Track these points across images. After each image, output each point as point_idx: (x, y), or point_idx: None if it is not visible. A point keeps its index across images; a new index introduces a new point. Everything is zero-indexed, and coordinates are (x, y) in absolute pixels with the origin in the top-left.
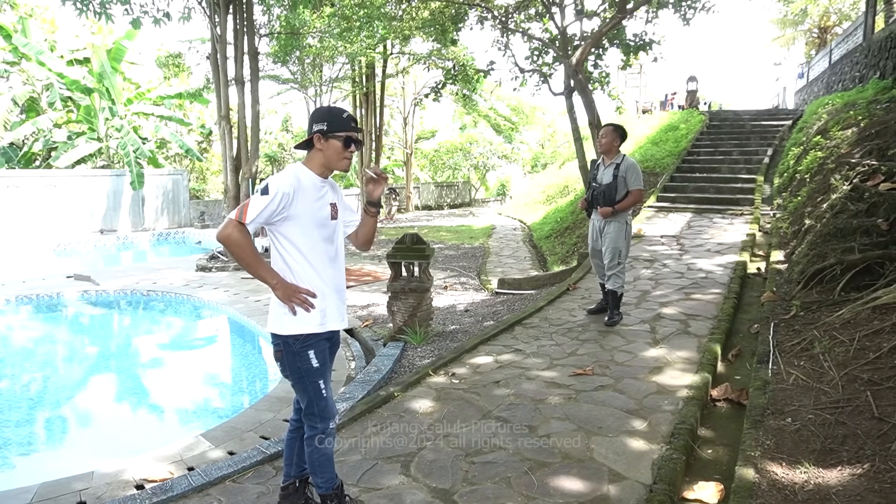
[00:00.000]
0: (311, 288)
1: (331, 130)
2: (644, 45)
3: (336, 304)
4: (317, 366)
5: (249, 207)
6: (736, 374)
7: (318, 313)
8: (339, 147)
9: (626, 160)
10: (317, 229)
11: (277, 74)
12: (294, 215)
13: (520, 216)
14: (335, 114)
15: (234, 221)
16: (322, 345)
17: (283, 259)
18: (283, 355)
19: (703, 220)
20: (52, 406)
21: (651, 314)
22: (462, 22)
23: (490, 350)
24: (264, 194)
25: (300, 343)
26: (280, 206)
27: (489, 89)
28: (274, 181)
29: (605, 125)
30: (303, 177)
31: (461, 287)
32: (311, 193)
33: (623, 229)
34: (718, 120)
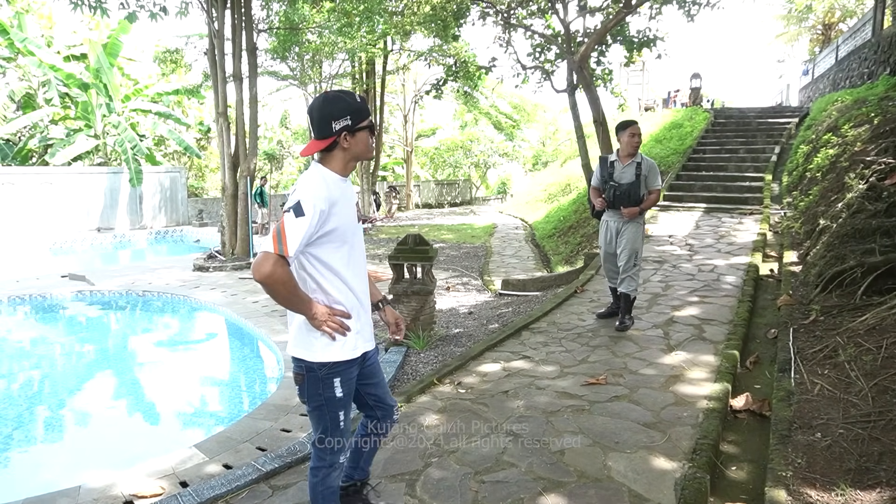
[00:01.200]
0: (346, 308)
1: (356, 124)
2: (648, 41)
3: (368, 322)
4: (341, 395)
5: (288, 235)
6: (755, 383)
7: (353, 336)
8: (366, 138)
9: (647, 159)
10: (350, 239)
11: (276, 71)
12: (332, 230)
13: (521, 215)
14: (354, 103)
15: (275, 256)
16: (351, 372)
17: (314, 281)
18: (304, 380)
19: (712, 219)
20: (40, 414)
21: (663, 318)
22: (464, 17)
23: (497, 357)
24: (299, 215)
25: (327, 369)
26: (318, 225)
27: (490, 86)
28: (307, 196)
29: (631, 123)
30: (331, 182)
31: (464, 288)
32: (341, 199)
33: (641, 230)
34: (724, 117)
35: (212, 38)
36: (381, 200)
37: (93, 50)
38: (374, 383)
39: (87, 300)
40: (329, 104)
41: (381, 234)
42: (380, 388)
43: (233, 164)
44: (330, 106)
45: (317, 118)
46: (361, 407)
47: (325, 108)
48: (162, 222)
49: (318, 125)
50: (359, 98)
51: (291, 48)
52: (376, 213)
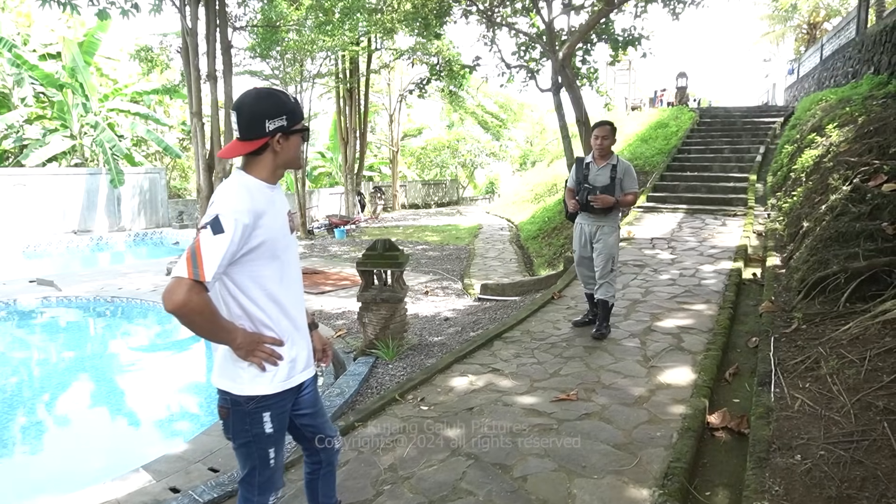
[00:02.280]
0: (277, 334)
1: (291, 126)
2: (633, 40)
3: (306, 348)
4: (271, 431)
5: (205, 257)
6: (735, 397)
7: (286, 365)
8: (299, 144)
9: (622, 161)
10: (281, 255)
11: (257, 70)
12: (258, 245)
13: (508, 215)
14: (290, 103)
15: (189, 282)
16: (283, 405)
17: (238, 305)
18: (229, 415)
19: (695, 220)
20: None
21: (641, 327)
22: (446, 16)
23: (465, 370)
24: (218, 232)
25: (255, 403)
26: (240, 244)
27: (476, 85)
28: (227, 209)
29: (600, 124)
30: (255, 191)
31: (443, 292)
32: (269, 209)
33: (616, 234)
34: (709, 117)
35: (185, 36)
36: (366, 201)
37: (68, 48)
38: (311, 413)
39: (51, 306)
40: (263, 101)
41: (365, 236)
42: (317, 418)
43: (208, 166)
44: (264, 103)
45: (247, 116)
46: (298, 439)
47: (258, 105)
48: (141, 224)
49: (247, 124)
50: (294, 99)
51: (273, 47)
52: (360, 214)
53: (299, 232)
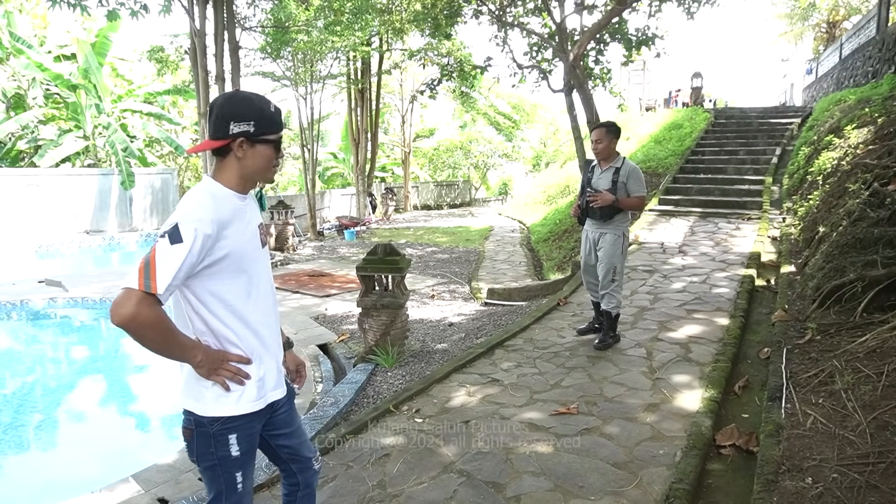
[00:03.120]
0: (244, 352)
1: (259, 132)
2: (646, 39)
3: (276, 367)
4: (237, 455)
5: (159, 268)
6: (744, 412)
7: (254, 385)
8: (269, 155)
9: (627, 164)
10: (249, 268)
11: (269, 71)
12: (221, 258)
13: (520, 217)
14: (265, 109)
15: (139, 294)
16: (251, 427)
17: (202, 320)
18: (192, 436)
19: (708, 224)
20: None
21: (648, 336)
22: (457, 16)
23: (464, 380)
24: (175, 241)
25: (220, 425)
26: (200, 255)
27: (487, 86)
28: (186, 217)
29: (596, 126)
30: (221, 199)
31: (449, 296)
32: (235, 220)
33: (619, 242)
34: (724, 118)
35: (193, 37)
36: (378, 202)
37: (81, 49)
38: (288, 433)
39: (57, 307)
40: (234, 102)
41: (375, 238)
42: (294, 437)
43: None
44: (234, 104)
45: (215, 114)
46: (273, 460)
47: (227, 105)
48: (153, 224)
49: (214, 122)
50: (273, 108)
51: (284, 47)
52: (371, 216)
53: (306, 236)
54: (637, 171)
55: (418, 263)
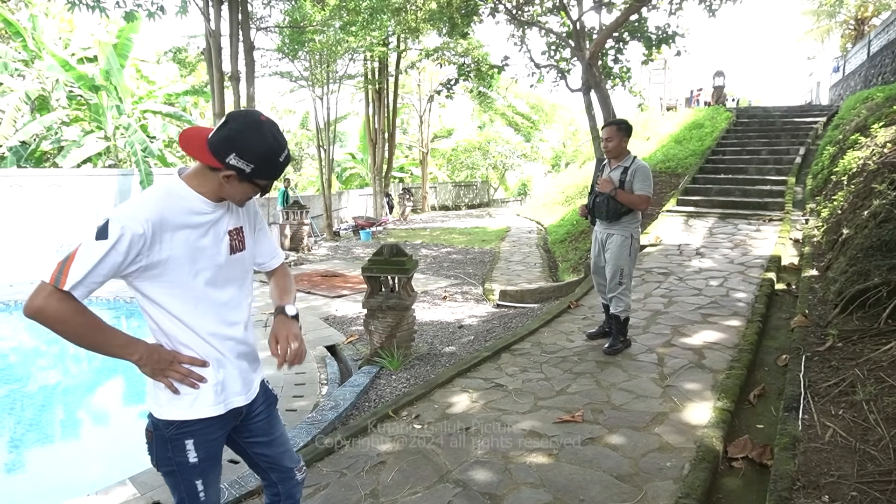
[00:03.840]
0: (199, 356)
1: (254, 176)
2: (667, 38)
3: (239, 373)
4: (194, 461)
5: (74, 263)
6: (758, 422)
7: (210, 389)
8: (251, 193)
9: (636, 162)
10: (204, 273)
11: (288, 71)
12: (161, 262)
13: (537, 217)
14: (271, 156)
15: (49, 288)
16: (210, 432)
17: (153, 320)
18: (152, 438)
19: (727, 226)
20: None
21: (660, 340)
22: (473, 15)
23: (467, 384)
24: (101, 237)
25: (175, 429)
26: (129, 255)
27: (505, 86)
28: (119, 215)
29: (606, 124)
30: (175, 203)
31: (462, 297)
32: (190, 225)
33: (627, 244)
34: (746, 117)
35: (208, 38)
36: (395, 203)
37: (102, 51)
38: (266, 441)
39: None
40: (251, 131)
41: (390, 238)
42: (274, 446)
43: None
44: (250, 134)
45: (226, 133)
46: (253, 468)
47: (241, 133)
48: None
49: (221, 140)
50: (284, 157)
51: (300, 48)
52: (388, 216)
53: (321, 236)
54: (644, 170)
55: (432, 264)
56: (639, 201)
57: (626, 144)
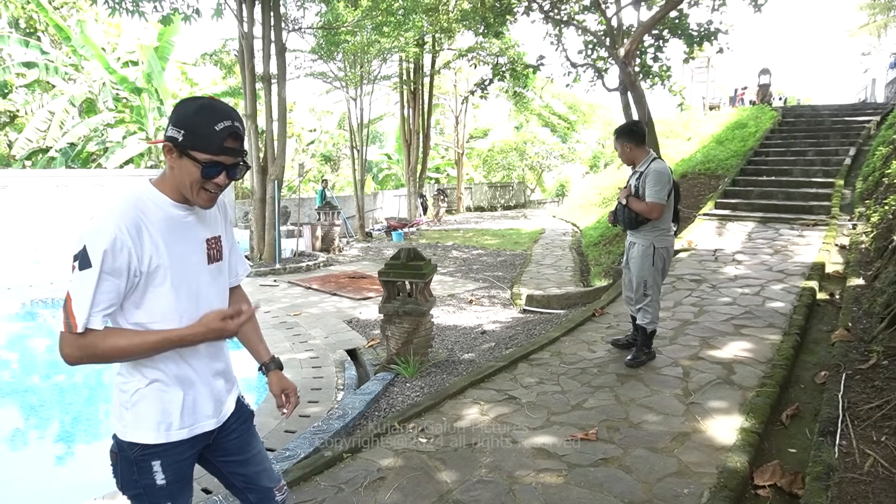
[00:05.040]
0: (168, 375)
1: (188, 146)
2: (708, 35)
3: (211, 394)
4: (162, 483)
5: (74, 302)
6: (790, 446)
7: (175, 411)
8: (194, 174)
9: (652, 165)
10: (182, 282)
11: (323, 72)
12: (158, 267)
13: (574, 219)
14: (200, 121)
15: (65, 336)
16: (179, 453)
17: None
18: (117, 460)
19: (768, 230)
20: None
21: (687, 353)
22: (508, 14)
23: (479, 396)
24: (85, 266)
25: (140, 450)
26: (122, 269)
27: (541, 86)
28: (92, 234)
29: (615, 131)
30: (145, 207)
31: (489, 301)
32: (164, 229)
33: (648, 255)
34: (793, 116)
35: (241, 40)
36: (429, 203)
37: (145, 54)
38: (242, 460)
39: None
40: (186, 103)
41: (423, 239)
42: (250, 465)
43: (261, 168)
44: (180, 106)
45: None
46: (230, 489)
47: (176, 106)
48: None
49: None
50: (222, 126)
51: (335, 49)
52: (422, 217)
53: (354, 237)
54: (656, 174)
55: (462, 267)
56: (646, 210)
57: (629, 148)
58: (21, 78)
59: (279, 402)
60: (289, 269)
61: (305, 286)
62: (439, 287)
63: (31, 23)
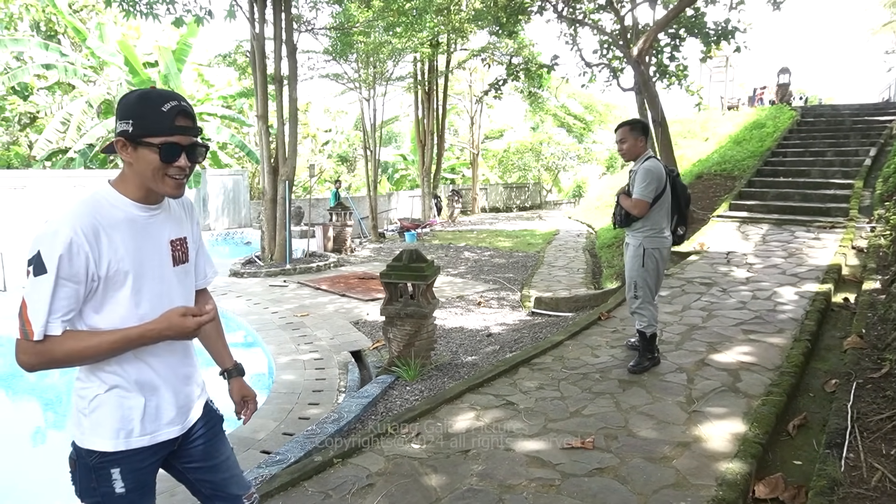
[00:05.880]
0: (128, 380)
1: (140, 133)
2: (726, 33)
3: (175, 399)
4: (121, 492)
5: (30, 308)
6: (796, 457)
7: (136, 418)
8: (153, 161)
9: (644, 163)
10: (146, 285)
11: (336, 73)
12: (117, 272)
13: (589, 220)
14: (147, 105)
15: (20, 343)
16: (139, 461)
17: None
18: (76, 467)
19: (783, 233)
20: None
21: (692, 359)
22: (521, 14)
23: (477, 401)
24: (40, 272)
25: (99, 457)
26: (79, 273)
27: (556, 86)
28: (45, 238)
29: (619, 125)
30: (103, 209)
31: (497, 303)
32: (124, 231)
33: (638, 255)
34: (812, 116)
35: (252, 41)
36: (443, 204)
37: (162, 56)
38: (209, 467)
39: None
40: (124, 99)
41: (435, 240)
42: (218, 472)
43: (272, 168)
44: (123, 101)
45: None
46: (196, 496)
47: (120, 102)
48: (225, 224)
49: None
50: (169, 106)
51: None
52: (436, 218)
53: (366, 237)
54: (645, 171)
55: (473, 268)
56: (631, 206)
57: (641, 145)
58: (42, 80)
59: (238, 407)
60: (299, 270)
61: (314, 287)
62: (448, 288)
63: (50, 26)
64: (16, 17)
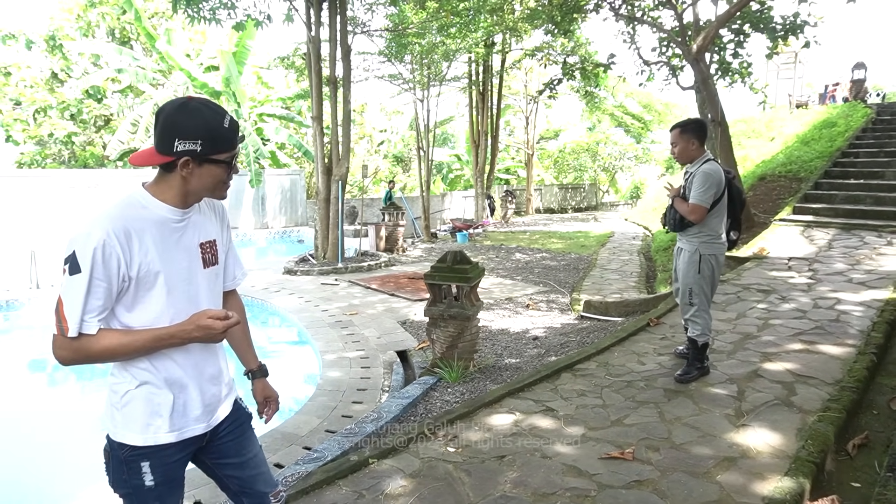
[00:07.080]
0: (158, 377)
1: (209, 152)
2: (793, 28)
3: (202, 398)
4: (150, 485)
5: (65, 305)
6: (854, 480)
7: (164, 415)
8: (219, 174)
9: (703, 166)
10: (176, 287)
11: (391, 74)
12: (148, 274)
13: (645, 222)
14: (216, 126)
15: (57, 339)
16: (167, 455)
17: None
18: (109, 458)
19: (852, 238)
20: None
21: (745, 370)
22: (577, 12)
23: (516, 406)
24: (75, 272)
25: (129, 451)
26: (112, 273)
27: (613, 84)
28: (80, 239)
29: (672, 127)
30: (136, 212)
31: (546, 306)
32: (156, 234)
33: (694, 262)
34: (889, 114)
35: (308, 43)
36: (496, 205)
37: (223, 59)
38: (237, 464)
39: None
40: (181, 113)
41: (487, 241)
42: (246, 469)
43: (326, 168)
44: (181, 117)
45: (160, 126)
46: (224, 491)
47: (174, 116)
48: (282, 223)
49: (159, 135)
50: (228, 121)
51: (403, 51)
52: (489, 218)
53: (419, 237)
54: (703, 175)
55: (523, 269)
56: (687, 211)
57: (694, 147)
58: (116, 83)
59: (261, 407)
60: (350, 269)
61: (365, 286)
62: (497, 290)
63: (124, 33)
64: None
